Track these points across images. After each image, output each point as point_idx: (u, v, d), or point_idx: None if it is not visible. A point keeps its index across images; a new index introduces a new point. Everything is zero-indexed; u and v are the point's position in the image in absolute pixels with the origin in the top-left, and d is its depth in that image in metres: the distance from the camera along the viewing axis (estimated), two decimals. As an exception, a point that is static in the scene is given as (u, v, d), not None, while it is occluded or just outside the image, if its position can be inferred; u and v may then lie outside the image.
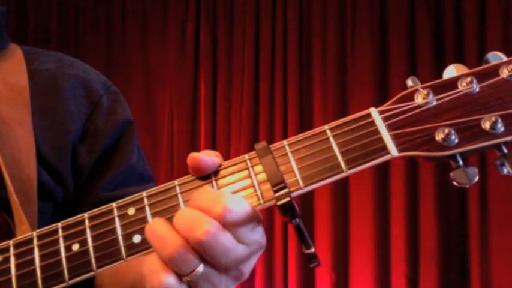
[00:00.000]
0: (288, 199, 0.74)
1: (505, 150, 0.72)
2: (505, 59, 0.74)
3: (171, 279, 0.73)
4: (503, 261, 3.30)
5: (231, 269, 0.75)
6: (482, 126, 0.71)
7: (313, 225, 3.54)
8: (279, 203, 0.74)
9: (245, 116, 3.76)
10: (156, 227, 0.75)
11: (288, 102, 3.72)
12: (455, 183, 0.72)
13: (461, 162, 0.72)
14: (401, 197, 3.47)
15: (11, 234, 0.94)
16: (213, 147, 3.79)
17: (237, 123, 3.79)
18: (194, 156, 0.79)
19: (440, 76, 0.76)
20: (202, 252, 0.73)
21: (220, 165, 0.79)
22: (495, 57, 0.75)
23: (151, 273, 0.74)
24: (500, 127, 0.71)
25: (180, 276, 0.73)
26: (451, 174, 0.72)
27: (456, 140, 0.72)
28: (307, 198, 3.53)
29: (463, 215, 3.42)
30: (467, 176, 0.71)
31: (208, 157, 0.79)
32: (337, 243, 3.53)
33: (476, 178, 0.71)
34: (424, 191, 3.46)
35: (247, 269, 0.77)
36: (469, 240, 3.38)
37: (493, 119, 0.71)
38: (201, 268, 0.73)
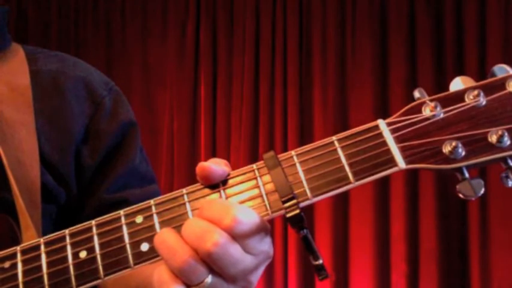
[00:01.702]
0: (297, 211, 0.74)
1: (511, 164, 0.72)
2: None
3: None
4: (503, 261, 3.31)
5: (239, 280, 0.75)
6: (489, 139, 0.72)
7: (313, 225, 3.55)
8: (289, 215, 0.74)
9: (245, 116, 3.76)
10: (165, 237, 0.75)
11: (288, 102, 3.72)
12: (461, 196, 0.72)
13: (467, 175, 0.73)
14: (401, 197, 3.47)
15: (15, 239, 0.94)
16: (213, 147, 3.80)
17: (237, 123, 3.79)
18: (204, 166, 0.78)
19: (440, 77, 0.77)
20: (211, 263, 0.73)
21: (229, 174, 0.79)
22: (501, 70, 0.75)
23: (161, 284, 0.74)
24: (507, 140, 0.71)
25: (188, 286, 0.74)
26: (457, 186, 0.72)
27: (463, 153, 0.72)
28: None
29: (463, 215, 3.42)
30: (473, 189, 0.72)
31: (217, 166, 0.79)
32: (337, 243, 3.54)
33: (482, 191, 0.72)
34: (424, 190, 3.47)
35: (254, 278, 0.77)
36: (469, 240, 3.38)
37: (500, 132, 0.71)
38: (209, 279, 0.73)
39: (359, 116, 3.53)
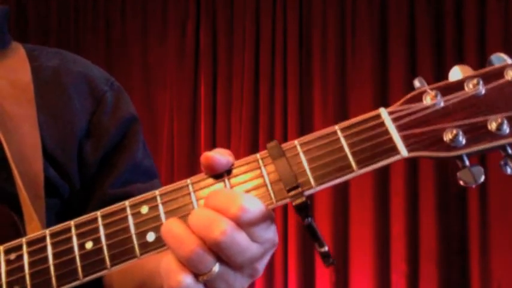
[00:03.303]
0: (303, 199, 0.75)
1: (510, 151, 0.73)
2: (509, 61, 0.76)
3: (188, 279, 0.73)
4: (503, 260, 3.31)
5: (246, 268, 0.76)
6: (489, 127, 0.73)
7: (313, 225, 3.54)
8: (295, 203, 0.75)
9: (245, 116, 3.76)
10: (172, 227, 0.75)
11: (288, 102, 3.72)
12: (461, 183, 0.73)
13: (467, 163, 0.74)
14: (401, 196, 3.47)
15: (18, 232, 0.94)
16: (213, 147, 3.78)
17: (237, 123, 3.79)
18: (208, 156, 0.79)
19: (440, 77, 0.77)
20: (219, 252, 0.73)
21: (233, 164, 0.80)
22: (499, 59, 0.76)
23: (169, 273, 0.75)
24: (506, 128, 0.72)
25: (196, 275, 0.74)
26: (458, 174, 0.73)
27: (463, 141, 0.73)
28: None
29: (463, 215, 3.42)
30: (473, 176, 0.73)
31: (222, 156, 0.79)
32: (337, 243, 3.54)
33: (482, 178, 0.73)
34: (424, 190, 3.46)
35: (261, 266, 0.78)
36: (469, 240, 3.38)
37: (499, 120, 0.72)
38: (217, 268, 0.74)
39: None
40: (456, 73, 0.77)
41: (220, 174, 0.80)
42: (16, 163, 1.03)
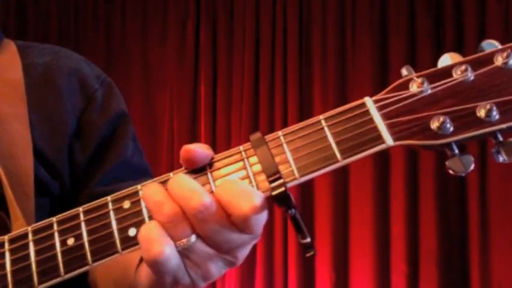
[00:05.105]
0: (282, 189, 0.74)
1: (501, 138, 0.71)
2: (500, 46, 0.74)
3: (169, 248, 0.73)
4: (503, 261, 3.30)
5: (224, 250, 0.76)
6: (477, 114, 0.71)
7: (313, 225, 3.54)
8: (274, 193, 0.74)
9: (245, 116, 3.76)
10: (154, 192, 0.75)
11: (288, 102, 3.72)
12: (451, 172, 0.72)
13: (456, 151, 0.72)
14: (401, 197, 3.46)
15: (7, 230, 0.93)
16: (213, 147, 3.75)
17: (237, 123, 3.79)
18: (189, 149, 0.79)
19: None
20: (196, 223, 0.73)
21: (212, 158, 0.80)
22: (490, 45, 0.74)
23: (149, 243, 0.74)
24: (495, 115, 0.70)
25: (175, 242, 0.74)
26: (447, 162, 0.72)
27: (451, 129, 0.71)
28: (307, 198, 3.52)
29: (463, 215, 3.41)
30: (462, 164, 0.71)
31: (202, 149, 0.79)
32: (337, 243, 3.53)
33: (472, 166, 0.71)
34: (424, 191, 3.46)
35: (241, 255, 0.78)
36: (469, 240, 3.37)
37: (488, 106, 0.70)
38: (193, 237, 0.74)
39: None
40: (446, 60, 0.75)
41: (203, 167, 0.79)
42: (4, 162, 1.02)
